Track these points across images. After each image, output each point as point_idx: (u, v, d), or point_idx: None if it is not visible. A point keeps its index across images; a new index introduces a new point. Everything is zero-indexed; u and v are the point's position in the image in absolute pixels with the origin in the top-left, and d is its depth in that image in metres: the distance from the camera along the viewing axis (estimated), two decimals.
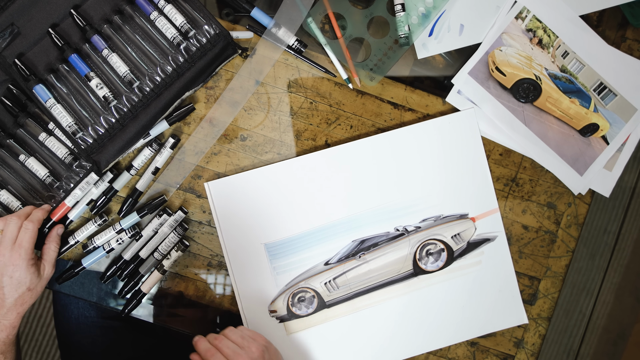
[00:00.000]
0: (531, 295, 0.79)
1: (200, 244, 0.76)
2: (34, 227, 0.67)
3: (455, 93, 0.77)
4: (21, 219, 0.67)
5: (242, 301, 0.75)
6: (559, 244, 0.79)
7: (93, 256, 0.74)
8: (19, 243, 0.66)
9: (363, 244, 0.76)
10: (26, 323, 1.41)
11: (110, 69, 0.71)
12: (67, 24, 0.71)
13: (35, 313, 1.41)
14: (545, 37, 0.76)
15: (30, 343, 1.42)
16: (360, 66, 0.76)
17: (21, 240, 0.66)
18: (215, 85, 0.76)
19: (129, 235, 0.73)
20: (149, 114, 0.71)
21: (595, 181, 0.78)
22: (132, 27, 0.71)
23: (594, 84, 0.76)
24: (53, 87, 0.71)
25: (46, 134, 0.72)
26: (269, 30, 0.75)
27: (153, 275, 0.74)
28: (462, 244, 0.77)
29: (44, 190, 0.72)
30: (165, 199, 0.74)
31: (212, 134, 0.76)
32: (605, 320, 0.87)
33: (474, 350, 0.78)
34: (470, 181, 0.77)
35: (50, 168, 0.72)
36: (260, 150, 0.76)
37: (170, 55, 0.71)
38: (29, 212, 0.69)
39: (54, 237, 0.70)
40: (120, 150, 0.71)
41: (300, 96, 0.77)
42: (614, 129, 0.77)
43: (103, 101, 0.70)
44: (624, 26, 0.78)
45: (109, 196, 0.74)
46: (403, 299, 0.77)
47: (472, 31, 0.77)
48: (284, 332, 0.75)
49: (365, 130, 0.77)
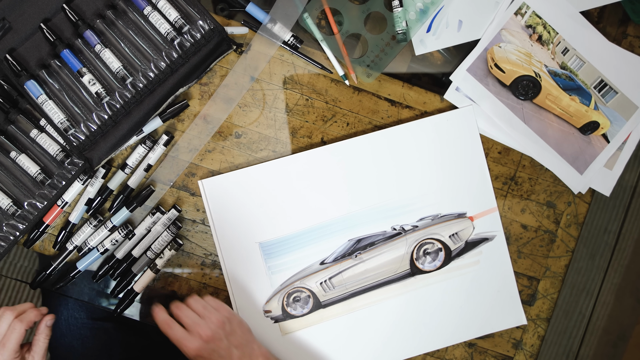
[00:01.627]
0: (530, 296, 0.78)
1: (193, 243, 0.75)
2: (22, 328, 0.62)
3: (454, 90, 0.76)
4: (14, 315, 0.63)
5: (236, 301, 0.74)
6: (559, 243, 0.78)
7: (87, 258, 0.73)
8: (3, 342, 0.62)
9: (359, 243, 0.75)
10: None
11: (103, 65, 0.70)
12: (59, 19, 0.70)
13: None
14: (545, 33, 0.75)
15: None
16: (357, 62, 0.75)
17: (6, 341, 0.62)
18: (210, 81, 0.75)
19: (122, 234, 0.72)
20: (142, 111, 0.70)
21: (595, 180, 0.77)
22: (125, 23, 0.71)
23: (594, 81, 0.76)
24: (45, 83, 0.70)
25: (38, 130, 0.71)
26: (265, 26, 0.74)
27: (146, 274, 0.73)
28: (460, 244, 0.76)
29: (36, 188, 0.71)
30: (152, 189, 0.73)
31: (206, 131, 0.75)
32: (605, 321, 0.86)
33: (472, 352, 0.77)
34: (468, 180, 0.76)
35: (41, 165, 0.71)
36: (255, 147, 0.76)
37: (164, 51, 0.70)
38: (24, 310, 0.64)
39: (43, 329, 0.66)
40: (113, 147, 0.71)
41: (296, 93, 0.76)
42: (615, 127, 0.76)
43: (95, 97, 0.69)
44: (625, 22, 0.78)
45: (104, 196, 0.73)
46: (400, 299, 0.76)
47: (471, 27, 0.76)
48: (279, 332, 0.75)
49: (362, 127, 0.76)
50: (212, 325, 0.65)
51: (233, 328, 0.67)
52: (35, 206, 0.71)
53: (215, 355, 0.64)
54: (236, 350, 0.66)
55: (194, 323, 0.65)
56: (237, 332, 0.67)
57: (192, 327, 0.65)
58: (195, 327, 0.64)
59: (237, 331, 0.67)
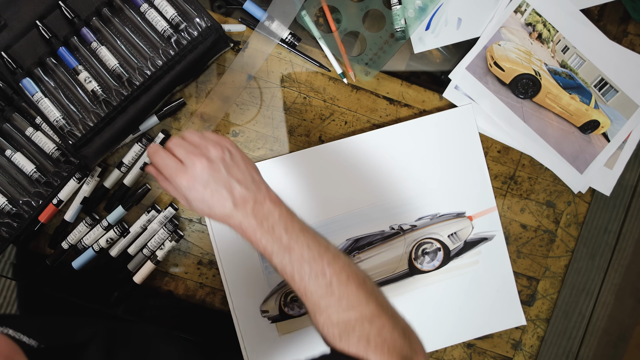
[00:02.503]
0: (529, 296, 0.77)
1: (190, 242, 0.75)
2: None
3: (453, 88, 0.76)
4: None
5: (233, 301, 0.73)
6: (558, 243, 0.78)
7: (83, 257, 0.72)
8: None
9: (357, 242, 0.75)
10: None
11: (99, 62, 0.70)
12: (55, 16, 0.70)
13: None
14: (545, 31, 0.75)
15: None
16: (355, 60, 0.75)
17: None
18: (207, 79, 0.74)
19: (117, 232, 0.72)
20: (139, 109, 0.70)
21: (595, 179, 0.77)
22: (121, 20, 0.70)
23: (594, 80, 0.75)
24: (40, 80, 0.69)
25: (33, 128, 0.71)
26: (262, 24, 0.73)
27: (146, 265, 0.72)
28: (458, 243, 0.76)
29: (31, 186, 0.71)
30: (148, 188, 0.72)
31: (203, 130, 0.74)
32: (606, 322, 0.86)
33: (471, 352, 0.77)
34: (467, 179, 0.76)
35: (37, 164, 0.71)
36: (252, 146, 0.75)
37: (161, 49, 0.69)
38: None
39: None
40: (109, 145, 0.70)
41: (293, 91, 0.75)
42: (615, 125, 0.76)
43: (91, 95, 0.69)
44: (625, 20, 0.77)
45: (99, 195, 0.73)
46: (398, 300, 0.75)
47: (470, 25, 0.75)
48: (276, 332, 0.74)
49: (360, 126, 0.76)
50: (210, 154, 0.54)
51: (235, 161, 0.55)
52: (30, 205, 0.70)
53: (211, 189, 0.53)
54: (238, 185, 0.54)
55: (188, 152, 0.54)
56: (240, 165, 0.55)
57: (185, 157, 0.54)
58: (188, 156, 0.53)
59: (241, 165, 0.55)
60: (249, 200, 0.53)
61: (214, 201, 0.53)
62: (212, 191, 0.53)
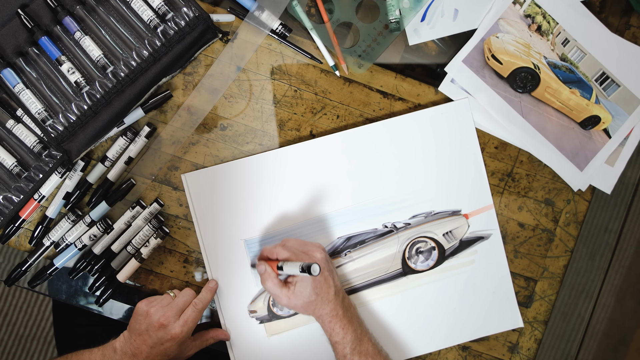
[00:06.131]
0: (527, 297, 0.76)
1: (176, 239, 0.73)
2: (203, 309, 0.67)
3: (449, 82, 0.75)
4: (194, 295, 0.69)
5: (220, 301, 0.72)
6: (557, 243, 0.77)
7: (65, 255, 0.71)
8: (185, 320, 0.65)
9: (349, 241, 0.74)
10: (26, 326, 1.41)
11: (83, 53, 0.69)
12: (38, 4, 0.69)
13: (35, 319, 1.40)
14: (544, 23, 0.74)
15: None
16: (348, 52, 0.74)
17: (187, 319, 0.65)
18: (194, 71, 0.73)
19: (101, 229, 0.70)
20: (124, 101, 0.69)
21: (596, 177, 0.76)
22: (106, 9, 0.70)
23: (595, 74, 0.74)
24: (22, 71, 0.69)
25: (14, 121, 0.70)
26: (252, 14, 0.72)
27: (130, 263, 0.71)
28: (454, 242, 0.75)
29: (12, 180, 0.69)
30: (133, 183, 0.71)
31: (190, 123, 0.73)
32: (605, 324, 0.85)
33: (466, 355, 0.76)
34: (463, 176, 0.75)
35: (18, 157, 0.70)
36: (241, 140, 0.74)
37: (147, 39, 0.68)
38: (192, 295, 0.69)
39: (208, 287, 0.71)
40: (93, 139, 0.69)
41: (284, 83, 0.74)
42: (617, 121, 0.75)
43: (75, 87, 0.68)
44: (628, 13, 0.76)
45: (82, 190, 0.72)
46: (391, 300, 0.74)
47: (467, 16, 0.75)
48: (265, 333, 0.72)
49: (353, 120, 0.75)
50: (316, 257, 0.67)
51: (330, 267, 0.68)
52: (10, 200, 0.69)
53: (327, 270, 0.67)
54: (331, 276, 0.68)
55: (305, 247, 0.67)
56: None
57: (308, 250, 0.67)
58: (310, 248, 0.67)
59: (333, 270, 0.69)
60: (340, 290, 0.68)
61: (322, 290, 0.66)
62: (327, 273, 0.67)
